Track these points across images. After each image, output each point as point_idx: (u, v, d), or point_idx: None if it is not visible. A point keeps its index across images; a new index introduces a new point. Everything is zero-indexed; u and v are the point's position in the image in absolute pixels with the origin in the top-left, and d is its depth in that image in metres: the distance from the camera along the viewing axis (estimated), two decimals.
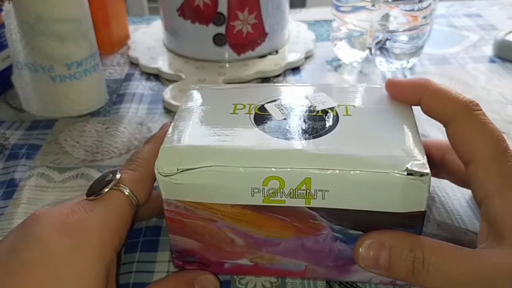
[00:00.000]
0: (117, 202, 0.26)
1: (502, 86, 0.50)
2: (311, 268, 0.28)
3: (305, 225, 0.26)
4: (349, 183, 0.24)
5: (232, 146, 0.26)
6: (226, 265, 0.29)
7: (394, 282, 0.28)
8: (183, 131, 0.27)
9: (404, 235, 0.24)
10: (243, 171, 0.25)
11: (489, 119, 0.26)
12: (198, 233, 0.27)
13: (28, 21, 0.42)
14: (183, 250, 0.28)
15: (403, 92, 0.29)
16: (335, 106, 0.29)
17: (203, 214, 0.26)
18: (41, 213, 0.25)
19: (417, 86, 0.28)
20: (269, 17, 0.53)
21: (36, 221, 0.25)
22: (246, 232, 0.27)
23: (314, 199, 0.25)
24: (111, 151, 0.41)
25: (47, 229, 0.24)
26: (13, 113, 0.48)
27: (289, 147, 0.25)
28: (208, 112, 0.29)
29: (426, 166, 0.24)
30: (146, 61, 0.55)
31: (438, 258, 0.23)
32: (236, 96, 0.30)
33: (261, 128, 0.27)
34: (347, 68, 0.54)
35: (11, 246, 0.24)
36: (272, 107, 0.29)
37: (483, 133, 0.25)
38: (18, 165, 0.40)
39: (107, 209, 0.26)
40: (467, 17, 0.67)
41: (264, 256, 0.28)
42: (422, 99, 0.27)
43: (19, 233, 0.25)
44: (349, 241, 0.26)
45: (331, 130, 0.27)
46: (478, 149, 0.25)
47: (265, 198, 0.25)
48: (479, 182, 0.25)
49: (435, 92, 0.27)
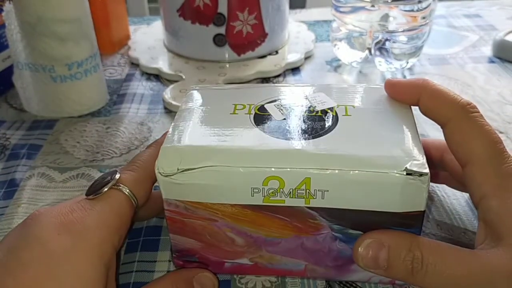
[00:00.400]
0: (116, 201, 0.27)
1: (501, 86, 0.50)
2: (311, 268, 0.28)
3: (304, 224, 0.26)
4: (348, 183, 0.24)
5: (232, 146, 0.26)
6: (226, 264, 0.29)
7: (393, 281, 0.28)
8: (183, 131, 0.27)
9: (403, 235, 0.25)
10: (243, 171, 0.25)
11: (486, 121, 0.26)
12: (198, 233, 0.27)
13: (29, 22, 0.42)
14: (183, 249, 0.29)
15: (401, 93, 0.29)
16: (334, 106, 0.29)
17: (203, 214, 0.26)
18: (40, 212, 0.25)
19: (416, 87, 0.28)
20: (269, 18, 0.53)
21: (35, 221, 0.25)
22: (246, 231, 0.27)
23: (314, 199, 0.25)
24: (111, 151, 0.42)
25: (46, 228, 0.24)
26: (13, 113, 0.48)
27: (288, 147, 0.25)
28: (208, 112, 0.29)
29: (425, 166, 0.24)
30: (147, 61, 0.55)
31: (437, 258, 0.23)
32: (236, 96, 0.31)
33: (261, 128, 0.27)
34: (346, 69, 0.55)
35: (11, 246, 0.24)
36: (272, 107, 0.29)
37: (480, 135, 0.25)
38: (18, 165, 0.40)
39: (106, 208, 0.26)
40: (466, 18, 0.67)
41: (264, 255, 0.28)
42: (420, 99, 0.28)
43: (18, 233, 0.25)
44: (349, 241, 0.27)
45: (331, 130, 0.27)
46: (475, 151, 0.25)
47: (265, 198, 0.25)
48: (476, 183, 0.25)
49: (433, 93, 0.27)
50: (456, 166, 0.28)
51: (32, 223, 0.25)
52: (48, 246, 0.23)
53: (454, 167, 0.31)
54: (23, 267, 0.23)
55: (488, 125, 0.26)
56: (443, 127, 0.27)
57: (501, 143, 0.25)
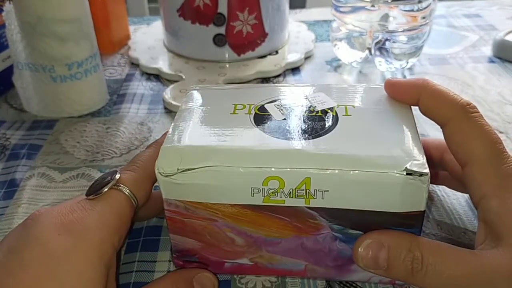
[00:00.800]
0: (116, 201, 0.27)
1: (501, 86, 0.50)
2: (311, 268, 0.28)
3: (304, 224, 0.26)
4: (348, 183, 0.24)
5: (232, 146, 0.26)
6: (226, 264, 0.29)
7: (393, 282, 0.28)
8: (183, 131, 0.27)
9: (403, 236, 0.25)
10: (243, 171, 0.25)
11: (486, 121, 0.26)
12: (198, 233, 0.27)
13: (29, 22, 0.42)
14: (183, 249, 0.29)
15: (401, 93, 0.29)
16: (334, 106, 0.29)
17: (203, 214, 0.26)
18: (40, 213, 0.25)
19: (415, 87, 0.28)
20: (269, 18, 0.53)
21: (35, 221, 0.25)
22: (246, 231, 0.27)
23: (314, 199, 0.25)
24: (111, 151, 0.42)
25: (47, 229, 0.24)
26: (14, 113, 0.48)
27: (288, 147, 0.25)
28: (208, 112, 0.29)
29: (425, 166, 0.24)
30: (147, 62, 0.55)
31: (437, 258, 0.23)
32: (236, 96, 0.31)
33: (261, 128, 0.27)
34: (346, 68, 0.55)
35: (11, 246, 0.24)
36: (272, 107, 0.29)
37: (480, 135, 0.25)
38: (19, 165, 0.40)
39: (106, 208, 0.26)
40: (466, 17, 0.67)
41: (264, 255, 0.28)
42: (420, 100, 0.28)
43: (19, 233, 0.25)
44: (349, 241, 0.27)
45: (331, 130, 0.27)
46: (475, 151, 0.25)
47: (265, 198, 0.25)
48: (476, 183, 0.25)
49: (433, 93, 0.27)
50: (456, 166, 0.28)
51: (32, 223, 0.25)
52: (48, 246, 0.23)
53: (454, 167, 0.31)
54: (23, 267, 0.23)
55: (487, 125, 0.26)
56: (443, 127, 0.27)
57: (501, 143, 0.25)
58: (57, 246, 0.23)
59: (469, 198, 0.35)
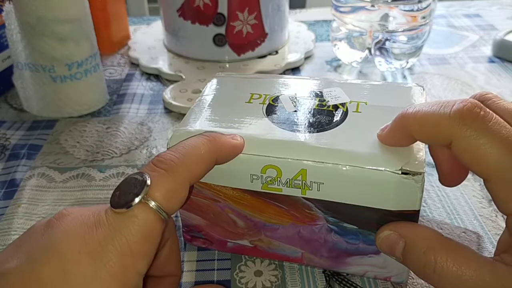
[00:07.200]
0: (144, 221, 0.23)
1: (501, 86, 0.50)
2: (307, 256, 0.29)
3: (301, 214, 0.27)
4: (342, 177, 0.25)
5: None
6: (228, 244, 0.30)
7: (389, 278, 0.28)
8: (197, 116, 0.29)
9: (422, 234, 0.24)
10: (243, 158, 0.26)
11: (493, 118, 0.23)
12: (203, 211, 0.29)
13: (29, 22, 0.42)
14: (191, 225, 0.30)
15: (396, 142, 0.26)
16: (347, 102, 0.29)
17: (208, 193, 0.28)
18: (67, 213, 0.24)
19: (400, 128, 0.25)
20: (269, 18, 0.53)
21: (60, 224, 0.23)
22: (246, 215, 0.28)
23: (310, 190, 0.26)
24: (111, 151, 0.42)
25: (68, 241, 0.22)
26: (13, 113, 0.48)
27: (290, 138, 0.26)
28: (225, 100, 0.31)
29: (422, 165, 0.24)
30: (147, 62, 0.55)
31: (451, 265, 0.22)
32: (255, 85, 0.32)
33: (270, 119, 0.28)
34: (346, 68, 0.55)
35: (30, 253, 0.22)
36: (286, 98, 0.30)
37: (491, 146, 0.22)
38: (18, 165, 0.40)
39: (132, 230, 0.23)
40: (466, 17, 0.67)
41: (263, 239, 0.29)
42: (414, 135, 0.24)
43: (40, 236, 0.23)
44: (344, 234, 0.27)
45: (337, 126, 0.27)
46: (491, 167, 0.22)
47: (264, 185, 0.26)
48: (501, 200, 0.23)
49: (418, 121, 0.24)
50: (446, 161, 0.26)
51: (56, 225, 0.23)
52: (67, 268, 0.22)
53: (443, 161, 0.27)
54: (39, 286, 0.21)
55: (496, 124, 0.22)
56: (449, 147, 0.23)
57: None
58: (77, 272, 0.22)
59: (469, 198, 0.35)
